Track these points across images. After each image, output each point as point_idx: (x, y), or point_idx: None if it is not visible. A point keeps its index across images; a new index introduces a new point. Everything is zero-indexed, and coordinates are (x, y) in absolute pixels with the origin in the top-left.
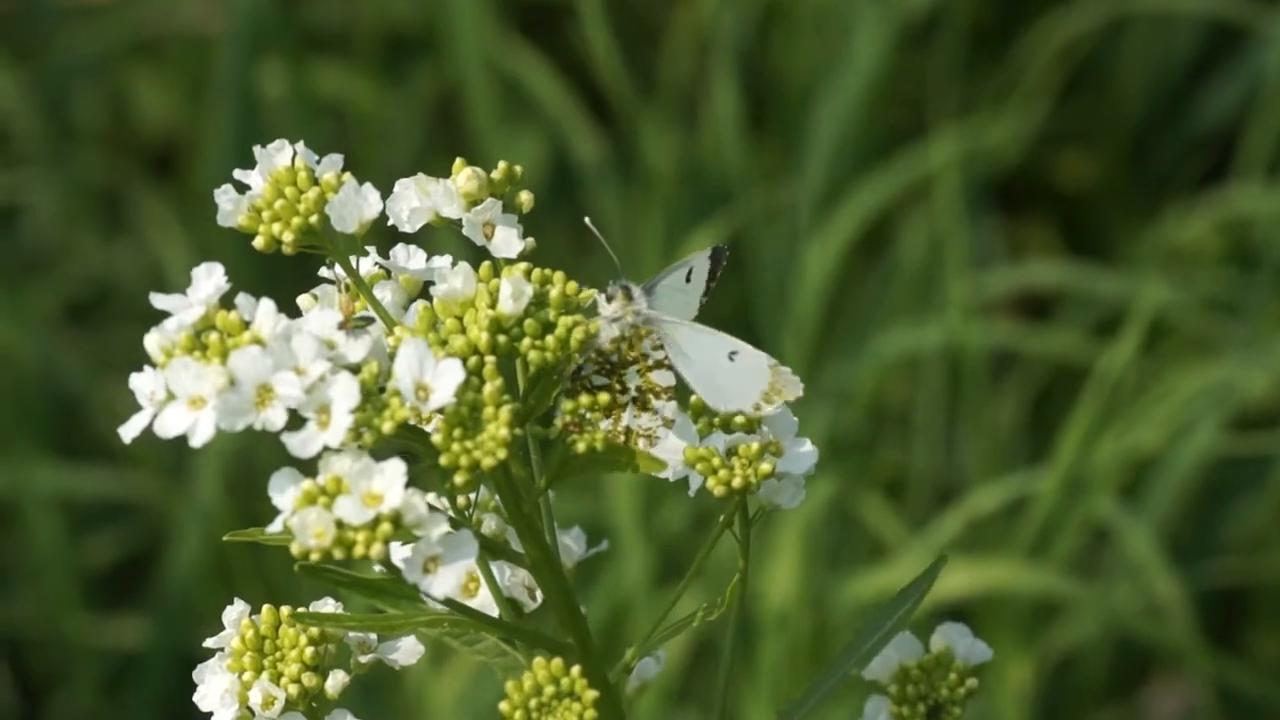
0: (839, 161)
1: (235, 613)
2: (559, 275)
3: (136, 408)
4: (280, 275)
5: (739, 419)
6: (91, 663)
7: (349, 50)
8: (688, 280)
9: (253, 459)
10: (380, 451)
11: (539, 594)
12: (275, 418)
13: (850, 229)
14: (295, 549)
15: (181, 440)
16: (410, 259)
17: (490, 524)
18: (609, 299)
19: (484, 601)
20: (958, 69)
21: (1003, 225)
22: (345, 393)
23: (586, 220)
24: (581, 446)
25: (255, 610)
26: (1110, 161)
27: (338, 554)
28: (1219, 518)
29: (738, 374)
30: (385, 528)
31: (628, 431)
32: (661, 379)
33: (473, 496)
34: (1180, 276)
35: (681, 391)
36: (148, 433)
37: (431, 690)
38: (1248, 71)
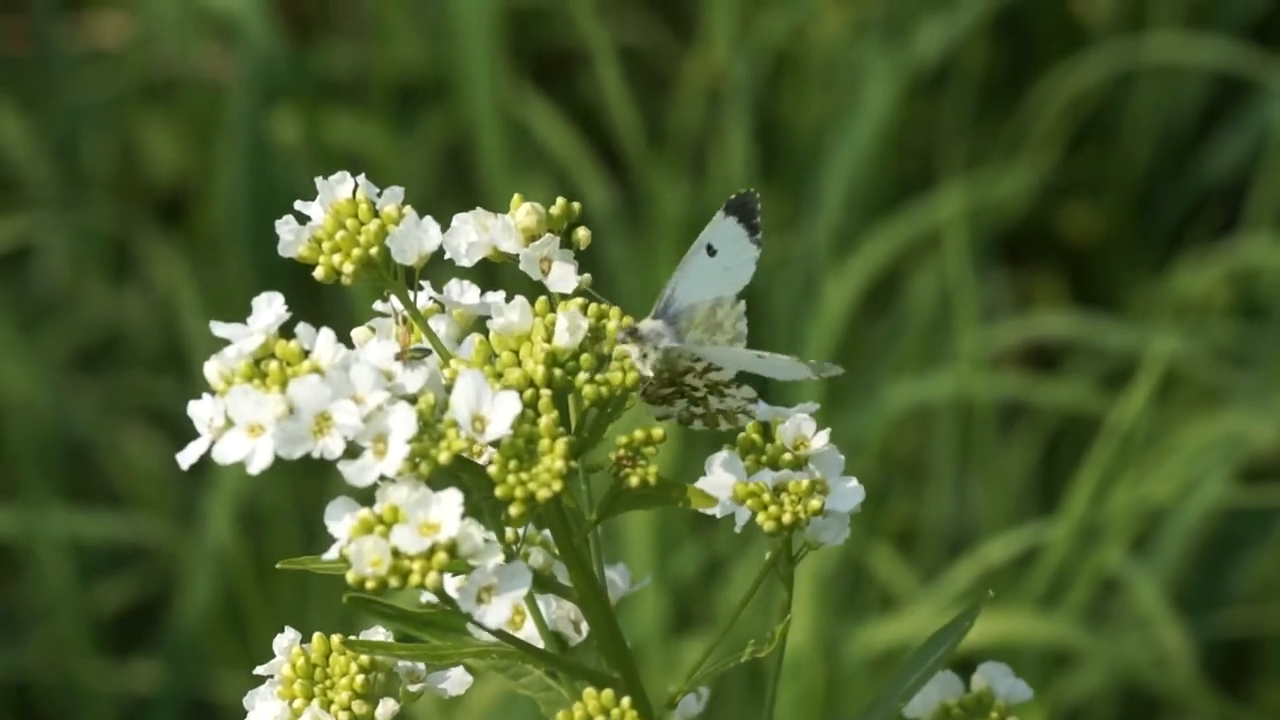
0: (849, 211)
1: (286, 640)
2: (615, 310)
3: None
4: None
5: (786, 456)
6: (102, 707)
7: (360, 98)
8: (712, 254)
9: (262, 503)
10: (435, 483)
11: (584, 627)
12: (333, 446)
13: (861, 279)
14: (351, 577)
15: (192, 484)
16: (464, 294)
17: (537, 558)
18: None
19: (530, 635)
20: (967, 120)
21: (1011, 277)
22: (403, 422)
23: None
24: (634, 481)
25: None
26: (1118, 213)
27: (393, 582)
28: (1227, 568)
29: (773, 365)
30: (441, 557)
31: (719, 413)
32: (720, 375)
33: (520, 531)
34: (1189, 328)
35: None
36: (162, 477)
37: None
38: (1255, 124)
